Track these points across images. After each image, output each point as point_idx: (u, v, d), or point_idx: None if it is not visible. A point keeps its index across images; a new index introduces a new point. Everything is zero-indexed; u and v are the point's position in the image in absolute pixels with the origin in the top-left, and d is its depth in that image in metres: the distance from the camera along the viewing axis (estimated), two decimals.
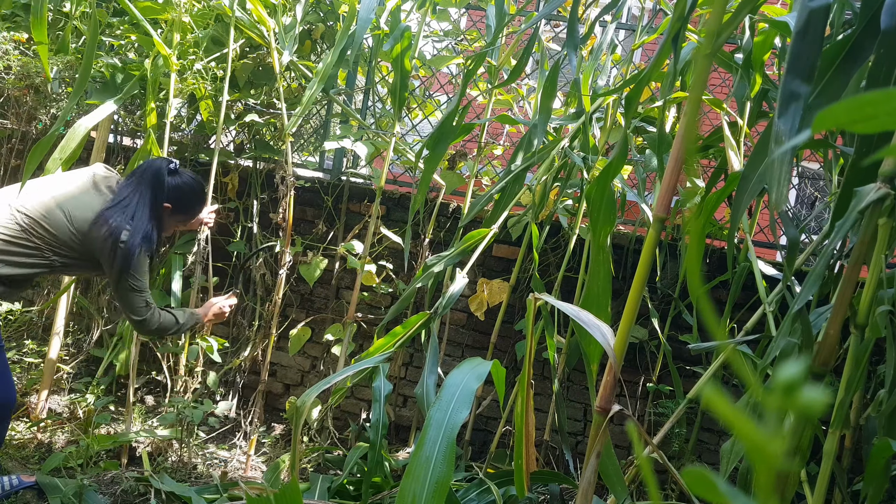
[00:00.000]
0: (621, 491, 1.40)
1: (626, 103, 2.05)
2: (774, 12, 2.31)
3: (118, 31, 2.98)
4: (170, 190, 2.22)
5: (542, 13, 1.96)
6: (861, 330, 1.32)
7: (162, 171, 2.21)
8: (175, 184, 2.24)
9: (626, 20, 3.49)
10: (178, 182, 2.25)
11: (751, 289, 2.37)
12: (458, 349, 3.31)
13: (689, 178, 2.75)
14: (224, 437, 3.11)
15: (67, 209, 2.09)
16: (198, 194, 2.35)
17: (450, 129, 2.35)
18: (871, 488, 1.42)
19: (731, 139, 2.24)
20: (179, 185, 2.25)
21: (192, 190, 2.30)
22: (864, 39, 1.07)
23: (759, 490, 0.32)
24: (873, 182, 1.14)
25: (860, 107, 0.34)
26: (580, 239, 2.90)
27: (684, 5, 1.25)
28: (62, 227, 2.06)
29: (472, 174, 3.15)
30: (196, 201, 2.35)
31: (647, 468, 0.48)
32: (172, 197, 2.24)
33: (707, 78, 1.03)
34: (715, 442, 3.08)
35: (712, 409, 0.31)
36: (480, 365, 1.31)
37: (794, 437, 1.20)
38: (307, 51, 3.28)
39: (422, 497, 1.07)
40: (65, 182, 2.18)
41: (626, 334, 1.14)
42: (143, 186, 2.19)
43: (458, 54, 3.58)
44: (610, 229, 1.52)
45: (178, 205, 2.27)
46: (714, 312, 0.45)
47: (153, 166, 2.23)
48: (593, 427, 1.16)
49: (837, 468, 2.02)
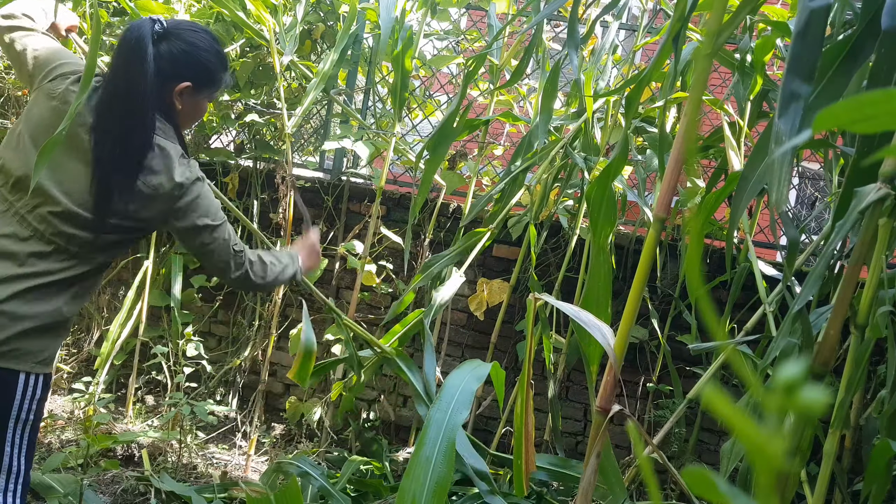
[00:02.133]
0: (620, 492, 1.40)
1: (626, 103, 2.05)
2: (774, 12, 2.31)
3: (118, 30, 2.98)
4: (173, 61, 1.48)
5: (542, 14, 1.96)
6: (861, 330, 1.32)
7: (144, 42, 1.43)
8: (177, 49, 1.49)
9: (626, 20, 3.49)
10: (184, 47, 1.50)
11: (751, 289, 2.37)
12: (459, 349, 3.31)
13: (689, 178, 2.75)
14: (224, 437, 3.11)
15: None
16: (212, 51, 1.54)
17: (451, 130, 2.35)
18: (871, 489, 1.42)
19: (731, 139, 2.24)
20: (185, 48, 1.50)
21: (201, 48, 1.52)
22: (865, 40, 1.07)
23: (760, 490, 0.32)
24: (874, 182, 1.14)
25: (860, 107, 0.34)
26: (580, 239, 2.90)
27: (685, 6, 1.25)
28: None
29: (473, 174, 3.15)
30: (215, 62, 1.55)
31: (648, 468, 0.48)
32: (186, 71, 1.50)
33: (707, 78, 1.03)
34: (715, 442, 3.08)
35: (712, 410, 0.31)
36: (480, 366, 1.31)
37: (794, 438, 1.20)
38: (307, 51, 3.28)
39: (422, 497, 1.07)
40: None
41: (626, 334, 1.14)
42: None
43: (459, 54, 3.58)
44: (611, 230, 1.52)
45: (200, 78, 1.53)
46: (714, 312, 0.45)
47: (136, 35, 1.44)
48: (593, 427, 1.16)
49: (837, 468, 2.02)
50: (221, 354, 3.35)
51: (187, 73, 1.50)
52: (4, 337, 1.39)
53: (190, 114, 1.60)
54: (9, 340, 1.40)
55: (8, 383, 1.43)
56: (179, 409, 2.73)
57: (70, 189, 1.45)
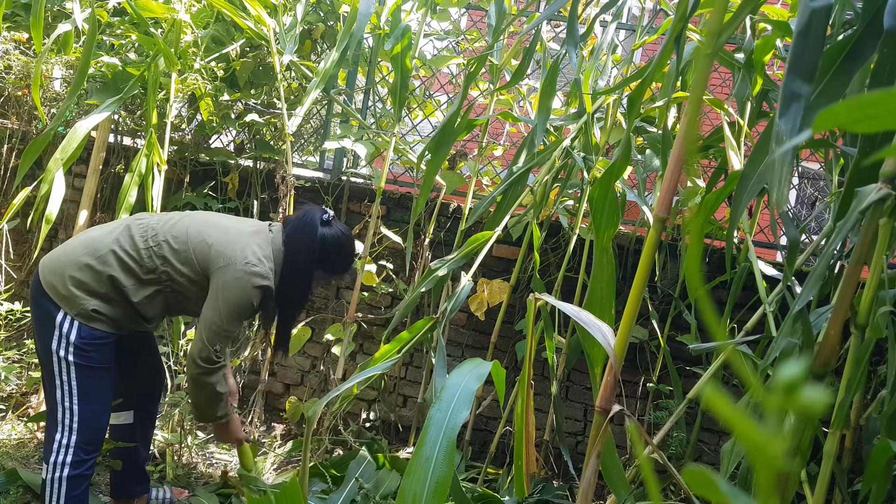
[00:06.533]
0: (623, 491, 1.39)
1: (628, 103, 2.05)
2: (775, 12, 2.31)
3: (118, 30, 2.98)
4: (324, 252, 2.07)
5: (543, 15, 1.96)
6: (862, 330, 1.32)
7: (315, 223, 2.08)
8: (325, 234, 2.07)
9: (626, 20, 3.49)
10: (329, 233, 2.09)
11: (751, 289, 2.37)
12: (459, 349, 3.31)
13: (689, 178, 2.75)
14: None
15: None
16: (346, 251, 2.15)
17: (452, 131, 2.35)
18: (871, 489, 1.42)
19: (731, 139, 2.24)
20: (328, 237, 2.08)
21: (341, 245, 2.11)
22: (866, 39, 1.07)
23: (760, 490, 0.32)
24: (875, 182, 1.14)
25: (861, 106, 0.34)
26: (580, 239, 2.90)
27: (686, 5, 1.25)
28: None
29: (473, 174, 3.15)
30: (343, 259, 2.15)
31: (648, 468, 0.48)
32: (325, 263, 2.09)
33: (708, 78, 1.03)
34: (715, 442, 3.08)
35: (713, 410, 0.31)
36: (481, 365, 1.31)
37: (794, 438, 1.20)
38: (307, 51, 3.28)
39: (422, 497, 1.07)
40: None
41: (627, 334, 1.14)
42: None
43: (459, 54, 3.58)
44: (613, 231, 1.52)
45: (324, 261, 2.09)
46: (714, 312, 0.45)
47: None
48: (594, 427, 1.16)
49: (837, 468, 2.02)
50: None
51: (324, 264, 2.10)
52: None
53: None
54: None
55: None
56: (180, 409, 2.73)
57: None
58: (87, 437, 1.89)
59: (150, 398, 2.27)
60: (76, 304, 1.86)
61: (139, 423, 2.22)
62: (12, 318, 3.24)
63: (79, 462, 1.88)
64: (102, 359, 1.91)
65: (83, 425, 1.88)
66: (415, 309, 3.24)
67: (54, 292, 1.87)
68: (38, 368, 3.14)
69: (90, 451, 1.91)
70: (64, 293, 1.86)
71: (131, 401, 2.18)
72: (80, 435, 1.87)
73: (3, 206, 3.39)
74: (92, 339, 1.87)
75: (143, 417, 2.23)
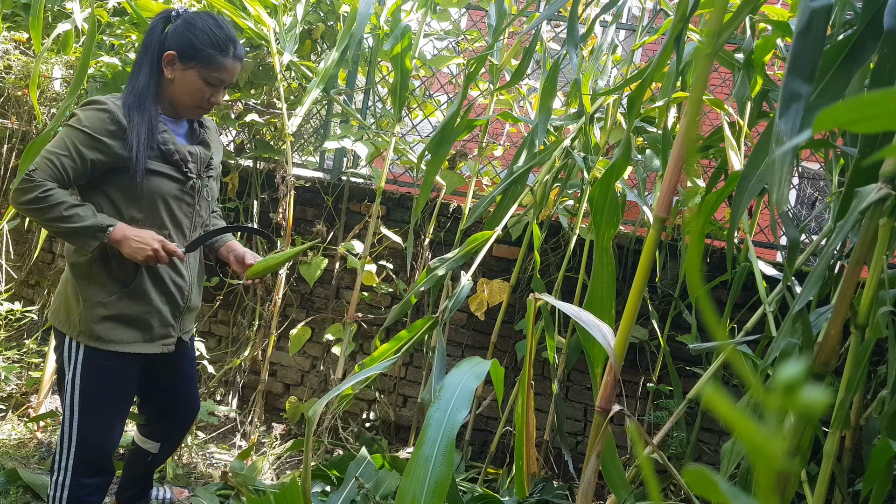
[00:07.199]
0: (623, 491, 1.39)
1: (628, 103, 2.05)
2: (775, 12, 2.31)
3: (118, 30, 2.98)
4: (169, 36, 1.76)
5: (543, 15, 1.96)
6: (862, 330, 1.32)
7: (156, 27, 1.77)
8: (175, 27, 1.76)
9: (626, 20, 3.49)
10: (180, 25, 1.76)
11: (751, 289, 2.37)
12: (458, 349, 3.31)
13: (689, 178, 2.75)
14: (224, 437, 3.11)
15: None
16: (207, 31, 1.76)
17: (452, 131, 2.35)
18: (871, 489, 1.42)
19: (731, 139, 2.24)
20: (181, 26, 1.76)
21: (198, 28, 1.76)
22: (866, 39, 1.07)
23: (760, 490, 0.32)
24: (875, 182, 1.14)
25: (861, 107, 0.34)
26: (580, 239, 2.90)
27: (686, 5, 1.25)
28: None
29: (473, 174, 3.15)
30: (208, 39, 1.75)
31: (648, 468, 0.48)
32: (174, 42, 1.75)
33: (708, 78, 1.03)
34: (715, 442, 3.08)
35: (712, 410, 0.31)
36: (480, 364, 1.30)
37: (794, 438, 1.20)
38: (307, 51, 3.28)
39: (421, 497, 1.06)
40: None
41: (627, 334, 1.14)
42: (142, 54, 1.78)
43: (459, 54, 3.58)
44: (613, 232, 1.52)
45: (184, 49, 1.75)
46: (714, 312, 0.45)
47: (151, 28, 1.79)
48: (594, 427, 1.16)
49: (838, 468, 2.02)
50: (221, 354, 3.35)
51: (173, 45, 1.76)
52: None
53: (180, 85, 1.79)
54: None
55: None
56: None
57: None
58: (86, 458, 1.82)
59: (180, 427, 2.17)
60: (76, 317, 1.77)
61: (161, 451, 2.17)
62: (12, 318, 3.24)
63: (78, 486, 1.80)
64: (108, 384, 1.82)
65: (81, 446, 1.82)
66: (415, 308, 3.24)
67: (56, 319, 1.83)
68: (38, 369, 3.15)
69: (89, 475, 1.83)
70: (63, 314, 1.81)
71: (161, 433, 2.12)
72: (77, 456, 1.81)
73: (3, 206, 3.38)
74: (98, 360, 1.79)
75: (166, 449, 2.19)
